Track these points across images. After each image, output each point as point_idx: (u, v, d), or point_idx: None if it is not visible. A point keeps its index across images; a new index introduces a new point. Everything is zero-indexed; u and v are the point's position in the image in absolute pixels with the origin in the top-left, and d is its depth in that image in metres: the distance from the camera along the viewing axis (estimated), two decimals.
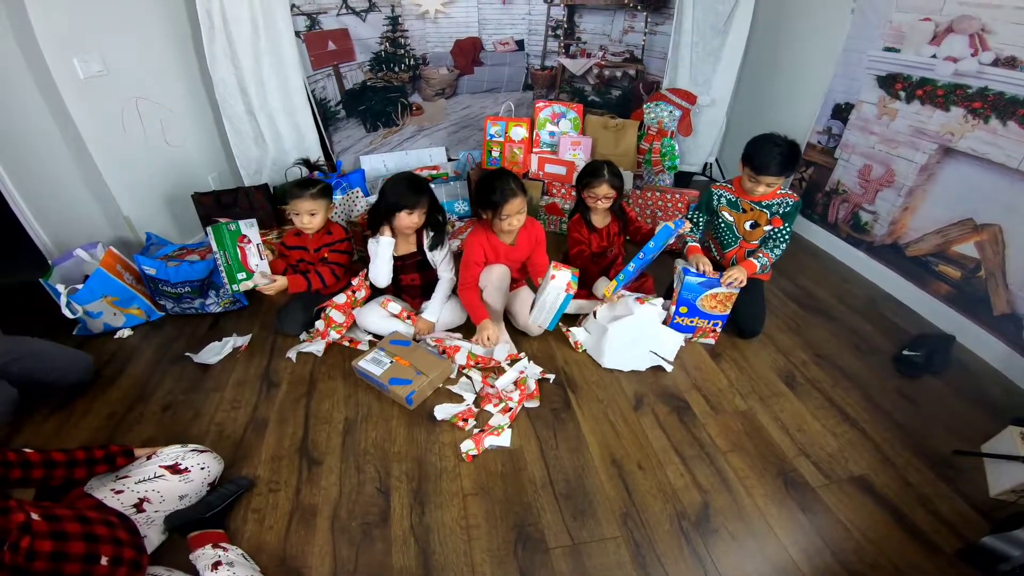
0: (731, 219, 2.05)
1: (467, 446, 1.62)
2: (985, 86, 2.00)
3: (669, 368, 1.93)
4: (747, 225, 2.02)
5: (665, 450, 1.64)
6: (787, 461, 1.61)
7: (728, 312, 2.01)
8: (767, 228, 1.99)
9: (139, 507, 1.27)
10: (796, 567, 1.33)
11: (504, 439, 1.65)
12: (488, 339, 1.92)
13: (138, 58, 2.37)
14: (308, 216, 1.99)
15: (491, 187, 1.84)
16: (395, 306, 2.08)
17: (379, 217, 1.94)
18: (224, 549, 1.27)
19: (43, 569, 0.93)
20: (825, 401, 1.85)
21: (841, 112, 2.66)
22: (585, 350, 2.05)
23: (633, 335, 1.91)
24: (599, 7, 3.12)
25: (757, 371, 1.99)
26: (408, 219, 1.88)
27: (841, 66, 2.63)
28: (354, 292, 2.13)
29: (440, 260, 2.07)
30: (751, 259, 1.96)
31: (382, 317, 2.06)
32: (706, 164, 3.54)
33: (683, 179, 3.48)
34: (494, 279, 1.98)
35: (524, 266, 2.14)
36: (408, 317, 2.07)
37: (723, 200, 2.05)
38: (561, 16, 3.14)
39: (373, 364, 1.81)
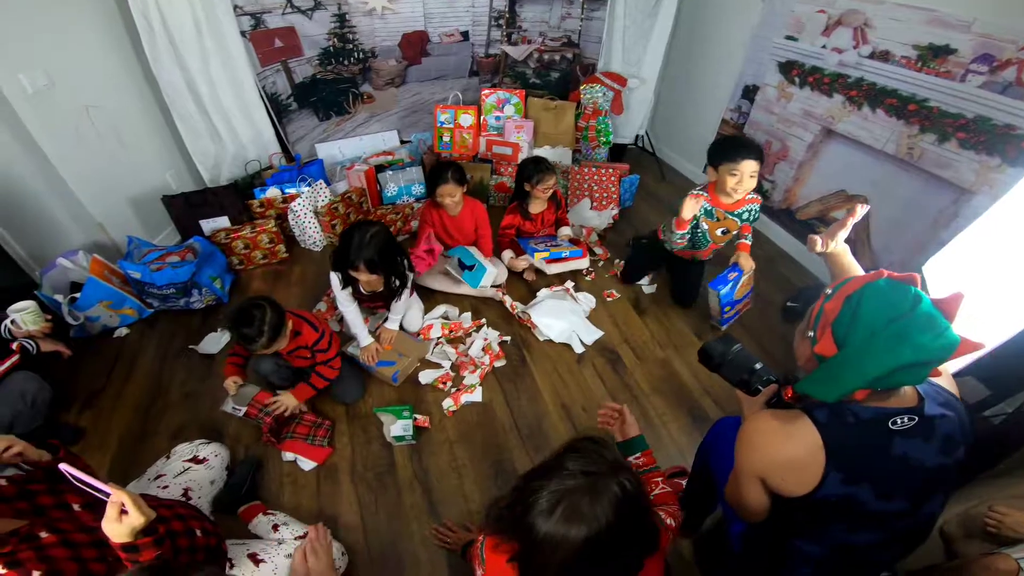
0: (706, 227, 2.24)
1: (447, 404, 1.99)
2: (861, 76, 2.35)
3: (580, 350, 2.25)
4: (719, 232, 2.25)
5: (603, 395, 2.07)
6: (694, 400, 2.06)
7: (751, 289, 2.34)
8: (734, 232, 2.27)
9: (186, 496, 1.50)
10: None
11: (477, 395, 2.03)
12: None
13: (81, 67, 2.40)
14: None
15: (437, 175, 2.31)
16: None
17: (341, 264, 1.93)
18: (273, 514, 1.58)
19: (184, 546, 1.18)
20: None
21: (750, 93, 3.03)
22: (523, 311, 2.39)
23: (562, 311, 2.32)
24: None
25: (673, 324, 2.41)
26: (363, 276, 1.90)
27: (751, 51, 2.94)
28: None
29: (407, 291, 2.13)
30: (744, 242, 2.26)
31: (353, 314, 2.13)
32: (637, 136, 3.89)
33: (617, 152, 3.83)
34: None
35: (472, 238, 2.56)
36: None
37: (701, 209, 2.19)
38: (503, 6, 3.35)
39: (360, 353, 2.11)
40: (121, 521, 0.94)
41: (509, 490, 0.93)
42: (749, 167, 2.00)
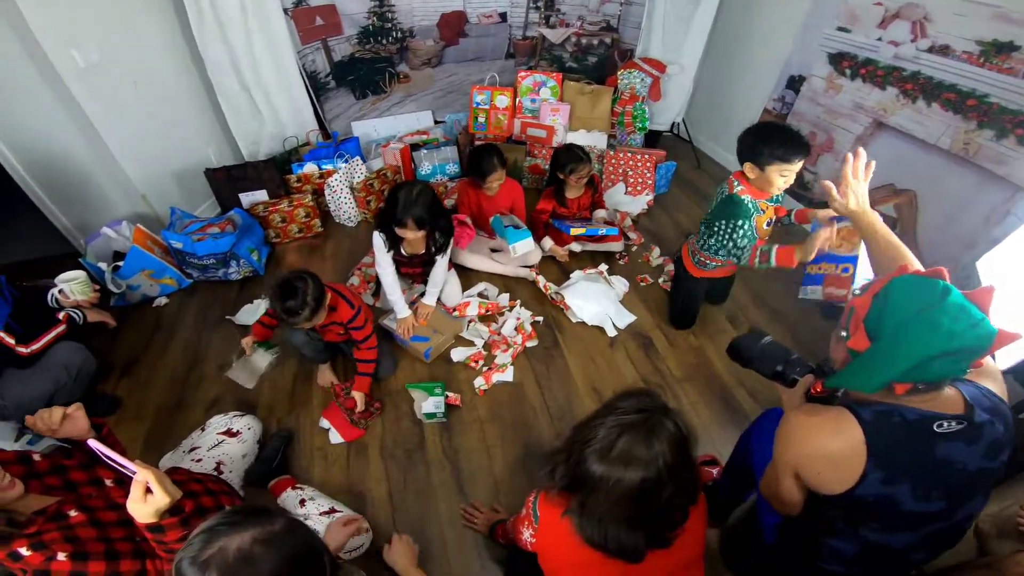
0: (754, 224, 1.89)
1: (479, 382, 2.00)
2: (918, 70, 2.28)
3: (613, 333, 2.24)
4: (764, 225, 1.92)
5: (634, 379, 2.05)
6: (728, 389, 2.03)
7: (857, 252, 1.85)
8: (774, 219, 1.96)
9: (218, 470, 1.51)
10: None
11: (508, 375, 2.04)
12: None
13: (131, 44, 2.45)
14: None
15: (484, 161, 2.32)
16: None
17: (387, 223, 1.99)
18: (301, 488, 1.59)
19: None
20: None
21: (795, 83, 2.95)
22: (557, 291, 2.38)
23: (596, 293, 2.30)
24: None
25: (707, 311, 2.37)
26: (411, 236, 1.98)
27: (799, 41, 2.87)
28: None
29: (441, 259, 2.16)
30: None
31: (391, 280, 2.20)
32: (673, 124, 3.82)
33: (652, 138, 3.76)
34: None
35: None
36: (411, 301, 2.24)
37: (754, 208, 1.85)
38: None
39: (395, 323, 2.15)
40: (146, 501, 0.91)
41: (563, 442, 0.94)
42: (799, 167, 1.72)
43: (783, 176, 1.71)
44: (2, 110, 2.20)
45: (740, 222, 1.77)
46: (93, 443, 0.96)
